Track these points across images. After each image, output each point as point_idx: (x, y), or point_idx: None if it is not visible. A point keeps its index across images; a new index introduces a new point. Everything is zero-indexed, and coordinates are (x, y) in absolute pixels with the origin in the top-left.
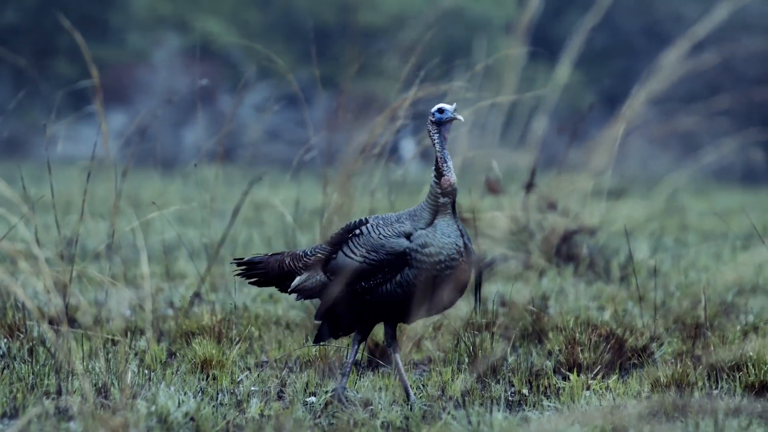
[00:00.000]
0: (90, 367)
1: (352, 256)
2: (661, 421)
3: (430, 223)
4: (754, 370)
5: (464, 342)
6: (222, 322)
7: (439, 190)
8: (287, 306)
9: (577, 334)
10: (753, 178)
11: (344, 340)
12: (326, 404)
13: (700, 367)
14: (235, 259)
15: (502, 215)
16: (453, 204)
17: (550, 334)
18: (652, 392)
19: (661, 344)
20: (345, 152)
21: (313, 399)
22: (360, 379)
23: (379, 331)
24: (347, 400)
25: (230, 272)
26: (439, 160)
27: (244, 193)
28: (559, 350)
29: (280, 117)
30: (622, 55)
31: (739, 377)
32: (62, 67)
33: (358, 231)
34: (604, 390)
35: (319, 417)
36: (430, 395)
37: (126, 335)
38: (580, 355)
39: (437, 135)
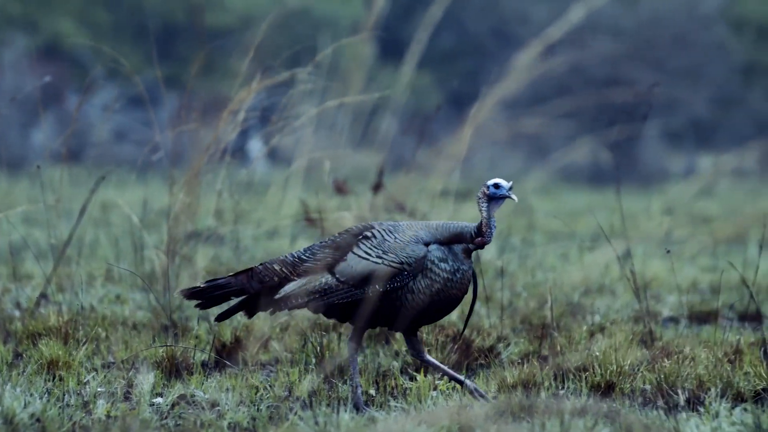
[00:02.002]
0: None
1: (368, 257)
2: (507, 422)
3: (445, 245)
4: (600, 370)
5: (311, 342)
6: (69, 323)
7: (472, 244)
8: (134, 307)
9: (425, 335)
10: (600, 179)
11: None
12: (173, 405)
13: (547, 367)
14: (185, 290)
15: (350, 216)
16: (471, 252)
17: (398, 335)
18: (499, 392)
19: (508, 345)
20: (191, 152)
21: (160, 400)
22: (207, 380)
23: (223, 332)
24: (363, 407)
25: (77, 273)
26: (484, 227)
27: (90, 193)
28: (407, 351)
29: (128, 117)
30: (470, 56)
31: (586, 377)
32: None
33: (369, 234)
34: (450, 390)
35: (166, 418)
36: (277, 396)
37: None
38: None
39: (486, 206)
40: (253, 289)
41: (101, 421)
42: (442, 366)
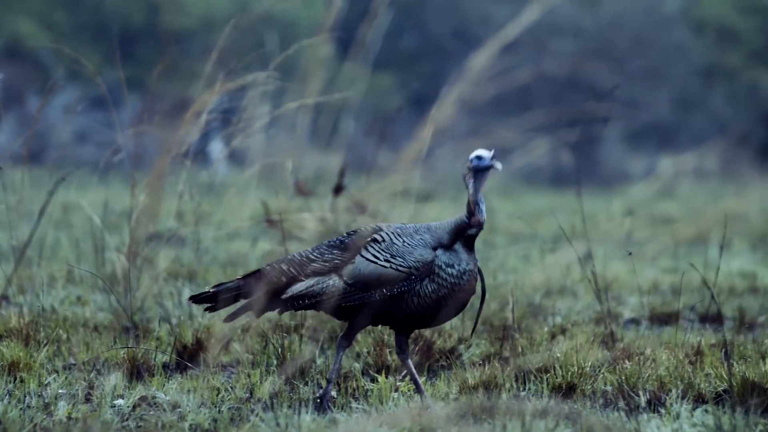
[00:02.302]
0: None
1: (376, 261)
2: (468, 423)
3: (450, 246)
4: (561, 371)
5: (273, 344)
6: (30, 325)
7: (470, 228)
8: (95, 308)
9: (386, 336)
10: (561, 181)
11: (153, 342)
12: (134, 407)
13: (508, 368)
14: (194, 296)
15: (311, 217)
16: (475, 238)
17: (359, 336)
18: (460, 394)
19: (469, 346)
20: (153, 154)
21: (121, 402)
22: (168, 382)
23: (185, 334)
24: (327, 405)
25: (38, 274)
26: (471, 204)
27: (49, 194)
28: (368, 352)
29: (89, 119)
30: (432, 57)
31: (547, 379)
32: None
33: (378, 237)
34: (412, 392)
35: (127, 420)
36: (239, 397)
37: None
38: (389, 357)
39: (472, 181)
40: (261, 290)
41: (62, 422)
42: (415, 375)
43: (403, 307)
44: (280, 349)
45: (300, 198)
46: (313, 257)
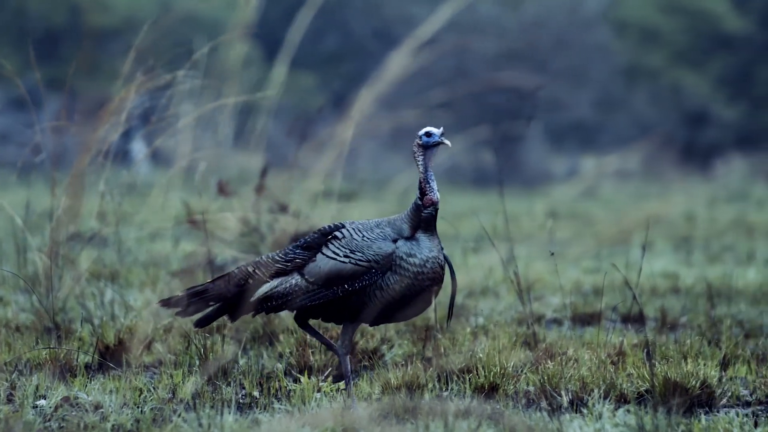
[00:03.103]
0: None
1: (335, 257)
2: (391, 423)
3: (411, 236)
4: (484, 372)
5: (195, 344)
6: None
7: (424, 210)
8: (17, 309)
9: (308, 337)
10: (483, 181)
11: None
12: (56, 407)
13: (431, 369)
14: (163, 300)
15: (233, 217)
16: (434, 221)
17: (281, 337)
18: (383, 394)
19: (392, 346)
20: (73, 154)
21: (43, 402)
22: (90, 382)
23: (107, 334)
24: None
25: None
26: (422, 181)
27: None
28: (290, 353)
29: (11, 119)
30: (353, 57)
31: (469, 379)
32: None
33: (339, 234)
34: (334, 392)
35: (50, 420)
36: (161, 398)
37: None
38: (311, 358)
39: (422, 158)
40: (230, 293)
41: None
42: (349, 375)
43: (367, 301)
44: (202, 350)
45: (222, 198)
46: (277, 258)
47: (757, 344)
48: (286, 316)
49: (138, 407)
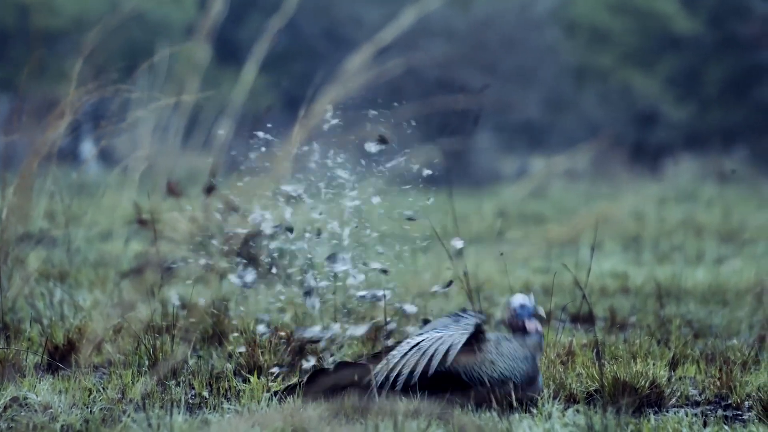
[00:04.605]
0: None
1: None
2: (341, 423)
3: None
4: None
5: (144, 345)
6: None
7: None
8: None
9: (258, 337)
10: (433, 181)
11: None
12: (5, 408)
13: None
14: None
15: (183, 218)
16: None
17: (231, 337)
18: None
19: (341, 346)
20: (23, 155)
21: None
22: (40, 383)
23: (56, 334)
24: None
25: None
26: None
27: None
28: (240, 353)
29: None
30: (303, 57)
31: None
32: None
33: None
34: (283, 392)
35: None
36: (110, 398)
37: None
38: (261, 358)
39: (525, 339)
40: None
41: None
42: None
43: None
44: (152, 350)
45: (172, 198)
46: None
47: (706, 344)
48: (236, 317)
49: (87, 407)
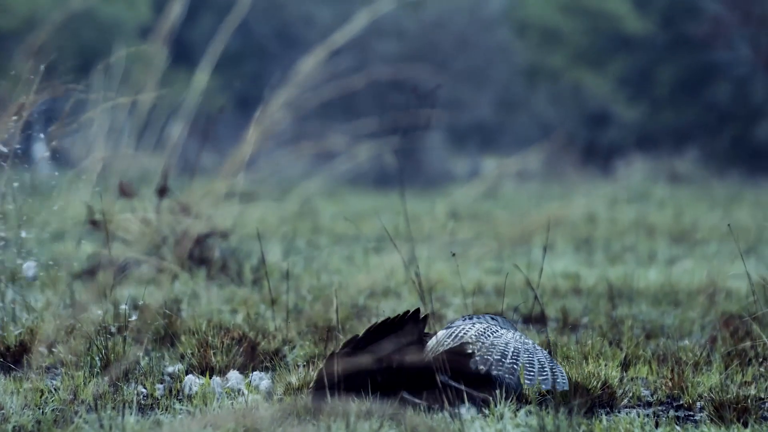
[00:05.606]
0: None
1: None
2: (293, 424)
3: None
4: None
5: (97, 346)
6: None
7: None
8: None
9: (210, 338)
10: (385, 182)
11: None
12: None
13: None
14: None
15: (135, 219)
16: None
17: (183, 338)
18: (285, 395)
19: (294, 347)
20: None
21: None
22: None
23: (8, 335)
24: None
25: None
26: None
27: None
28: (192, 354)
29: None
30: (254, 58)
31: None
32: None
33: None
34: (236, 393)
35: None
36: (62, 399)
37: None
38: (213, 359)
39: None
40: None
41: None
42: None
43: None
44: (104, 351)
45: (124, 199)
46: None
47: (657, 345)
48: (188, 318)
49: (39, 408)
